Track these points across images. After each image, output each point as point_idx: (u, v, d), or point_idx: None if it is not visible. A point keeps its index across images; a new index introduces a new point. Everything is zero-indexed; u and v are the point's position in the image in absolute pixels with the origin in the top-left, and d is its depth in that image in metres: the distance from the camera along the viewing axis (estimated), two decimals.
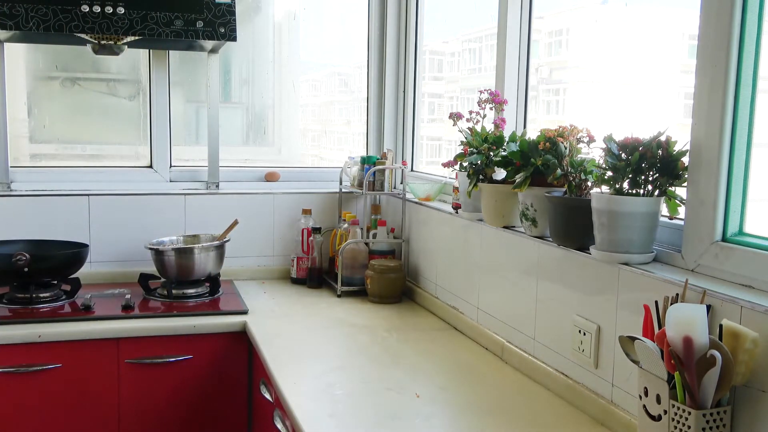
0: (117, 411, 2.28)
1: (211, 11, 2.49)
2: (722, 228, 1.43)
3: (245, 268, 2.97)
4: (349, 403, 1.70)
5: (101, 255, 2.79)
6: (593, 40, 2.23)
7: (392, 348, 2.07)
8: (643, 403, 1.35)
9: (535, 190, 1.82)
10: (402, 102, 3.16)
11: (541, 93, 2.39)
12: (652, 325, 1.38)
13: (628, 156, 1.50)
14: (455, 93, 3.13)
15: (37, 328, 2.19)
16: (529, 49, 2.29)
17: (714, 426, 1.24)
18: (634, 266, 1.53)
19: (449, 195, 2.59)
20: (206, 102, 2.95)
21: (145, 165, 2.99)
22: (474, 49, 2.87)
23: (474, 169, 2.07)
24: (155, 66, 2.93)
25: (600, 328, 1.65)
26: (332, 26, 3.39)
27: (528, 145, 1.84)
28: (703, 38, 1.44)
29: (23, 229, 2.67)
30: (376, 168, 2.82)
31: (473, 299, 2.27)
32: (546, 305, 1.86)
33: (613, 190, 1.54)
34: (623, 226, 1.51)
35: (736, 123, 1.40)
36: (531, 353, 1.93)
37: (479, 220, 2.19)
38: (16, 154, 2.84)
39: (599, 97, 2.20)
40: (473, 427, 1.58)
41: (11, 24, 2.30)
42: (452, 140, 2.63)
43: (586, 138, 1.74)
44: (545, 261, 1.85)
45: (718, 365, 1.19)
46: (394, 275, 2.65)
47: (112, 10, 2.38)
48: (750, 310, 1.25)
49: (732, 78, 1.39)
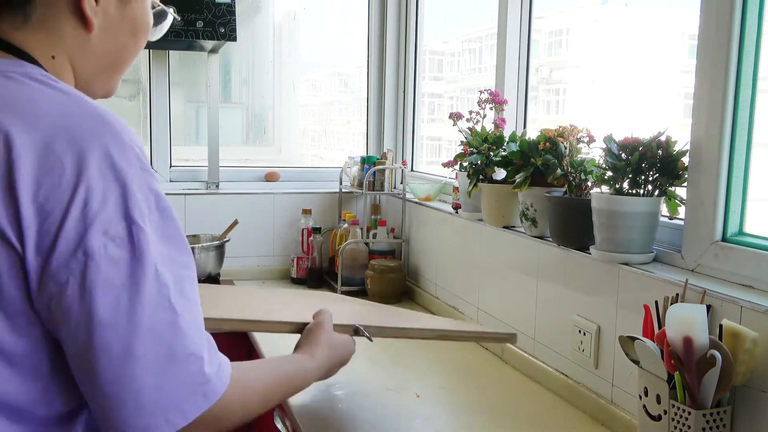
0: None
1: (211, 11, 2.48)
2: (722, 228, 1.43)
3: (245, 268, 2.97)
4: (349, 402, 1.70)
5: None
6: (593, 40, 2.23)
7: (392, 348, 2.07)
8: (643, 403, 1.35)
9: (535, 190, 1.82)
10: (402, 102, 3.16)
11: (541, 93, 2.39)
12: (652, 325, 1.38)
13: (628, 156, 1.50)
14: (455, 93, 3.14)
15: None
16: (529, 49, 2.29)
17: (714, 426, 1.24)
18: (634, 266, 1.53)
19: (449, 195, 2.59)
20: (206, 102, 2.95)
21: None
22: (474, 49, 2.88)
23: (474, 169, 2.08)
24: (155, 66, 2.93)
25: (600, 328, 1.65)
26: (332, 26, 3.39)
27: (528, 145, 1.84)
28: (703, 38, 1.44)
29: None
30: (376, 168, 2.82)
31: (473, 299, 2.27)
32: (546, 305, 1.86)
33: (613, 190, 1.54)
34: (623, 226, 1.51)
35: (736, 123, 1.40)
36: (531, 353, 1.93)
37: (479, 220, 2.19)
38: None
39: (599, 97, 2.20)
40: (474, 427, 1.58)
41: None
42: (452, 140, 2.63)
43: (586, 138, 1.74)
44: (545, 261, 1.85)
45: (718, 365, 1.19)
46: (394, 275, 2.64)
47: None
48: (750, 310, 1.25)
49: (732, 78, 1.39)
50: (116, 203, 0.77)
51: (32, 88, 0.81)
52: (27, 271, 0.75)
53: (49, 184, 0.74)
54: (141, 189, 0.79)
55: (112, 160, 0.78)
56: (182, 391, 0.80)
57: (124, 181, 0.78)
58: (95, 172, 0.76)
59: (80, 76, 0.93)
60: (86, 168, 0.76)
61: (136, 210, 0.78)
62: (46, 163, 0.75)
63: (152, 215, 0.80)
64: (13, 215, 0.73)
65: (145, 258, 0.78)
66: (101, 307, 0.76)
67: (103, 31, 0.91)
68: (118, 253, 0.76)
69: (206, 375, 0.82)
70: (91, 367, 0.77)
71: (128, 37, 0.95)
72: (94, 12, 0.89)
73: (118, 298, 0.76)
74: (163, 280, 0.79)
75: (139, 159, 0.82)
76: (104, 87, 0.98)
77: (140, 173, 0.80)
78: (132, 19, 0.95)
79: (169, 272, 0.80)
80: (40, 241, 0.74)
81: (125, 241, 0.76)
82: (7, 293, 0.75)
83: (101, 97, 0.99)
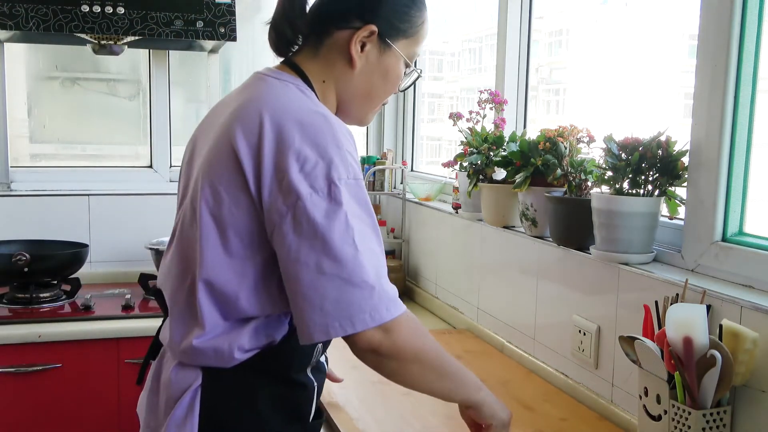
0: (117, 411, 2.28)
1: (211, 11, 2.48)
2: (722, 228, 1.43)
3: None
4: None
5: (101, 255, 2.79)
6: (593, 40, 2.23)
7: None
8: (643, 403, 1.35)
9: (535, 190, 1.82)
10: (402, 102, 3.16)
11: (541, 93, 2.39)
12: (652, 325, 1.38)
13: (628, 156, 1.50)
14: (455, 93, 3.14)
15: (37, 328, 2.19)
16: (529, 49, 2.29)
17: (714, 426, 1.24)
18: (634, 266, 1.53)
19: (449, 195, 2.59)
20: (206, 102, 2.94)
21: (145, 165, 2.99)
22: (474, 49, 2.88)
23: (474, 169, 2.08)
24: (155, 66, 2.93)
25: (600, 328, 1.65)
26: None
27: (528, 145, 1.84)
28: (703, 38, 1.44)
29: (23, 229, 2.67)
30: (376, 168, 2.82)
31: (473, 299, 2.27)
32: (546, 305, 1.86)
33: (613, 190, 1.54)
34: (623, 226, 1.51)
35: (736, 123, 1.40)
36: (531, 353, 1.93)
37: (479, 220, 2.19)
38: (16, 154, 2.84)
39: (599, 97, 2.20)
40: None
41: (11, 24, 2.30)
42: (452, 140, 2.63)
43: (586, 138, 1.74)
44: (545, 261, 1.85)
45: (718, 365, 1.19)
46: (394, 275, 2.65)
47: (112, 10, 2.38)
48: (750, 310, 1.25)
49: (732, 78, 1.39)
50: (322, 170, 1.07)
51: (292, 90, 1.18)
52: (262, 209, 1.09)
53: (280, 153, 1.08)
54: (343, 163, 1.09)
55: (325, 145, 1.09)
56: (353, 308, 1.06)
57: (330, 157, 1.08)
58: (309, 150, 1.08)
59: (340, 100, 1.27)
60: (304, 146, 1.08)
61: (335, 175, 1.08)
62: (281, 139, 1.09)
63: (350, 181, 1.09)
64: (256, 171, 1.09)
65: (338, 206, 1.07)
66: (305, 233, 1.06)
67: (362, 70, 1.24)
68: (318, 200, 1.07)
69: (374, 301, 1.07)
70: (296, 276, 1.07)
71: (380, 80, 1.26)
72: (359, 56, 1.22)
73: (316, 230, 1.06)
74: (351, 224, 1.07)
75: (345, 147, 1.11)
76: (357, 114, 1.30)
77: (344, 155, 1.10)
78: (386, 67, 1.25)
79: (356, 222, 1.08)
80: (272, 187, 1.08)
81: (325, 192, 1.07)
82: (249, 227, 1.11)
83: (354, 122, 1.31)
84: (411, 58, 1.28)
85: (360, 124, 1.33)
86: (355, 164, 1.12)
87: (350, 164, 1.11)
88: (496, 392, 1.30)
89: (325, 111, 1.15)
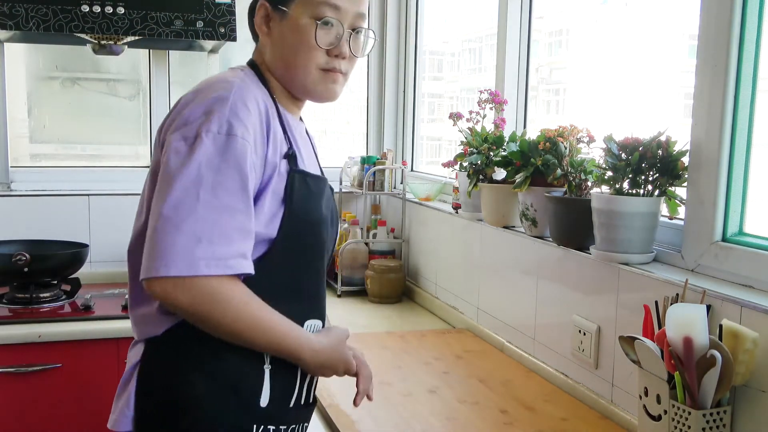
0: None
1: (211, 11, 2.48)
2: (722, 228, 1.43)
3: None
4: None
5: (101, 255, 2.78)
6: (593, 40, 2.23)
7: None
8: (643, 403, 1.35)
9: (535, 190, 1.82)
10: (402, 102, 3.16)
11: (541, 93, 2.39)
12: (652, 325, 1.38)
13: (628, 156, 1.50)
14: (455, 93, 3.14)
15: (37, 328, 2.19)
16: (529, 49, 2.29)
17: (714, 426, 1.24)
18: (634, 266, 1.53)
19: (449, 195, 2.59)
20: None
21: (145, 165, 2.99)
22: (474, 49, 2.88)
23: (474, 169, 2.08)
24: (155, 66, 2.93)
25: (600, 328, 1.65)
26: None
27: (528, 145, 1.84)
28: (703, 38, 1.44)
29: (23, 229, 2.67)
30: (376, 168, 2.82)
31: (473, 299, 2.27)
32: (546, 305, 1.86)
33: (613, 190, 1.54)
34: (623, 226, 1.51)
35: (736, 123, 1.40)
36: (531, 353, 1.93)
37: (479, 220, 2.19)
38: (16, 154, 2.84)
39: (599, 97, 2.20)
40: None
41: (11, 24, 2.30)
42: (452, 140, 2.63)
43: (586, 138, 1.74)
44: (545, 261, 1.85)
45: (718, 365, 1.19)
46: (394, 275, 2.65)
47: (112, 10, 2.38)
48: (750, 310, 1.25)
49: (732, 78, 1.39)
50: (197, 124, 1.15)
51: (231, 71, 1.29)
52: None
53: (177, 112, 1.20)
54: (219, 119, 1.14)
55: (212, 103, 1.17)
56: (177, 254, 1.09)
57: (211, 113, 1.15)
58: (197, 107, 1.17)
59: (277, 77, 1.32)
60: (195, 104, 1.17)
61: (205, 128, 1.14)
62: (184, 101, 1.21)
63: (219, 136, 1.14)
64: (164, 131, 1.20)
65: (192, 154, 1.12)
66: (162, 177, 1.13)
67: (275, 43, 1.30)
68: (180, 148, 1.14)
69: (195, 254, 1.09)
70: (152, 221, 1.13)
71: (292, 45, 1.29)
72: (264, 33, 1.32)
73: (168, 176, 1.12)
74: (202, 174, 1.12)
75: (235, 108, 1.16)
76: (302, 86, 1.32)
77: (225, 113, 1.15)
78: (290, 30, 1.28)
79: (211, 175, 1.12)
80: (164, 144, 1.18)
81: (190, 143, 1.13)
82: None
83: (314, 97, 1.35)
84: (319, 15, 1.25)
85: (321, 99, 1.35)
86: (238, 123, 1.15)
87: (227, 121, 1.15)
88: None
89: (235, 80, 1.22)
